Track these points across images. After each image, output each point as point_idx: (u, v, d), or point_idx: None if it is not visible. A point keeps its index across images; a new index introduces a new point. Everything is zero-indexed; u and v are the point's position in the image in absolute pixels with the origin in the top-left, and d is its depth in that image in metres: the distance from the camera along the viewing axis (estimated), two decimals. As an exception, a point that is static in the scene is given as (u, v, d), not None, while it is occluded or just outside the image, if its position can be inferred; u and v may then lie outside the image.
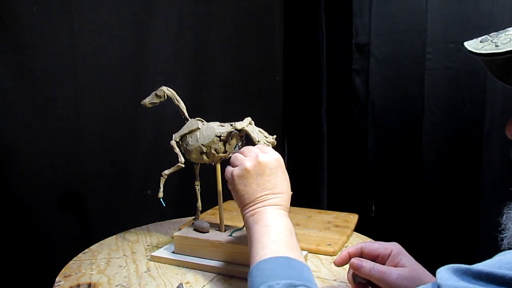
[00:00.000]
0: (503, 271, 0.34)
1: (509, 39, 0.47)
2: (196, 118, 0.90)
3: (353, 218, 1.12)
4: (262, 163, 0.68)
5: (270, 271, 0.55)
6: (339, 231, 1.01)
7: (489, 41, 0.50)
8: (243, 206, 0.68)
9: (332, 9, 1.59)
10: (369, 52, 1.47)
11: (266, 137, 0.82)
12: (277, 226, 0.63)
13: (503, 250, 0.49)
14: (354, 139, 1.56)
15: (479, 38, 0.52)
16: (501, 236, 0.52)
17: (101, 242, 0.97)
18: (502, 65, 0.49)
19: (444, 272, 0.38)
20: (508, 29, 0.50)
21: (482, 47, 0.49)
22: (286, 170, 0.70)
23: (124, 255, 0.89)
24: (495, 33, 0.51)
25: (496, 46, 0.48)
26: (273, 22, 1.71)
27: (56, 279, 0.77)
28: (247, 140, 0.84)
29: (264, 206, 0.65)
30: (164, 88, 0.92)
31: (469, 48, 0.51)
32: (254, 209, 0.66)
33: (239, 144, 0.86)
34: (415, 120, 1.39)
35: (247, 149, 0.72)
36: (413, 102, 1.39)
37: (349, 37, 1.53)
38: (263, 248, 0.59)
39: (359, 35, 1.51)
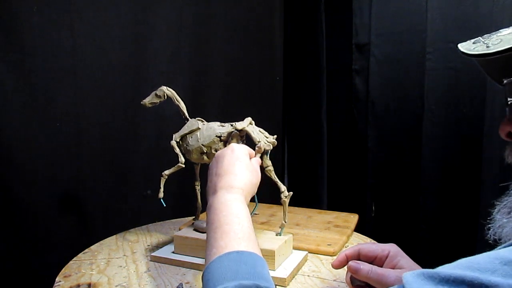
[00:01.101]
0: (468, 273, 0.34)
1: (499, 40, 0.48)
2: (196, 118, 0.90)
3: (353, 218, 1.12)
4: (215, 155, 0.72)
5: (220, 272, 0.50)
6: (339, 231, 1.01)
7: (481, 42, 0.51)
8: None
9: (332, 9, 1.58)
10: (369, 52, 1.47)
11: (267, 137, 0.82)
12: (221, 218, 0.58)
13: (488, 239, 0.51)
14: (354, 139, 1.56)
15: (472, 40, 0.53)
16: (488, 225, 0.53)
17: (101, 242, 0.97)
18: (494, 65, 0.51)
19: (410, 276, 0.37)
20: (501, 30, 0.51)
21: (474, 48, 0.51)
22: (242, 156, 0.69)
23: (124, 255, 0.89)
24: (487, 34, 0.52)
25: (487, 47, 0.49)
26: (273, 22, 1.71)
27: (56, 279, 0.77)
28: (248, 140, 0.84)
29: (212, 196, 0.64)
30: (164, 88, 0.92)
31: (462, 49, 0.52)
32: (208, 205, 0.65)
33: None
34: (415, 120, 1.38)
35: None
36: (413, 102, 1.39)
37: (349, 37, 1.53)
38: (211, 248, 0.55)
39: (359, 35, 1.51)
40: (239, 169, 0.67)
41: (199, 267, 0.81)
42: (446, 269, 0.35)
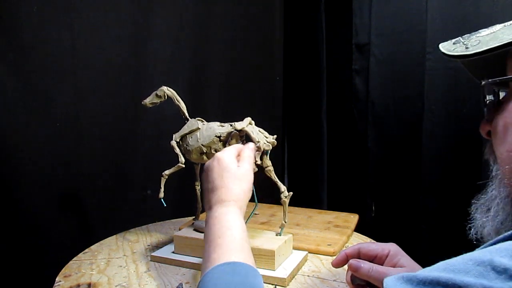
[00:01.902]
0: (443, 274, 0.35)
1: (478, 41, 0.49)
2: (196, 118, 0.90)
3: (354, 218, 1.12)
4: (204, 169, 0.70)
5: (211, 284, 0.51)
6: (339, 231, 1.01)
7: (461, 43, 0.52)
8: None
9: (332, 9, 1.58)
10: (369, 52, 1.47)
11: (266, 137, 0.82)
12: (214, 232, 0.60)
13: (471, 239, 0.52)
14: (354, 139, 1.56)
15: (453, 40, 0.54)
16: (469, 225, 0.53)
17: (101, 242, 0.97)
18: (474, 65, 0.53)
19: (390, 280, 0.38)
20: (480, 31, 0.52)
21: (454, 49, 0.52)
22: (229, 164, 0.68)
23: (124, 255, 0.89)
24: (468, 35, 0.53)
25: (466, 48, 0.50)
26: (273, 22, 1.71)
27: (56, 279, 0.77)
28: (247, 140, 0.84)
29: (208, 212, 0.66)
30: (165, 88, 0.92)
31: (442, 50, 0.53)
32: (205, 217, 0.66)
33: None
34: (415, 120, 1.38)
35: None
36: (413, 102, 1.39)
37: (349, 37, 1.53)
38: (206, 261, 0.56)
39: (359, 35, 1.51)
40: (227, 180, 0.67)
41: (199, 267, 0.81)
42: (424, 272, 0.36)
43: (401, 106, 1.43)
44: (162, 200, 0.91)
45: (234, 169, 0.68)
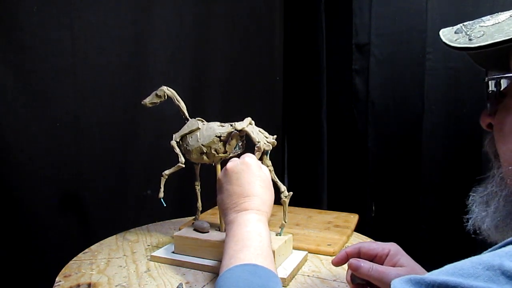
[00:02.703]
0: (451, 279, 0.34)
1: (482, 33, 0.46)
2: (196, 118, 0.90)
3: (353, 218, 1.12)
4: (228, 169, 0.69)
5: (233, 280, 0.53)
6: (339, 231, 1.01)
7: (463, 32, 0.49)
8: (222, 216, 0.70)
9: (332, 9, 1.58)
10: (369, 52, 1.47)
11: (266, 137, 0.82)
12: (244, 234, 0.61)
13: (468, 231, 0.51)
14: (354, 139, 1.56)
15: (454, 28, 0.51)
16: (467, 217, 0.53)
17: (101, 242, 0.97)
18: (478, 55, 0.51)
19: (398, 283, 0.38)
20: (483, 19, 0.49)
21: (456, 40, 0.49)
22: (258, 172, 0.69)
23: (124, 255, 0.89)
24: (470, 22, 0.50)
25: (470, 39, 0.47)
26: (273, 22, 1.71)
27: (56, 279, 0.77)
28: (247, 140, 0.84)
29: (235, 213, 0.66)
30: (165, 88, 0.92)
31: (444, 40, 0.50)
32: (227, 219, 0.66)
33: (239, 144, 0.86)
34: (415, 120, 1.38)
35: (233, 159, 0.73)
36: (413, 102, 1.39)
37: (349, 37, 1.53)
38: (229, 258, 0.58)
39: (359, 35, 1.51)
40: (261, 189, 0.68)
41: (199, 267, 0.81)
42: (432, 275, 0.36)
43: (401, 106, 1.43)
44: (162, 200, 0.91)
45: (263, 176, 0.70)
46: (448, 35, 0.50)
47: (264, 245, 0.60)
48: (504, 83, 0.48)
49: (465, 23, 0.50)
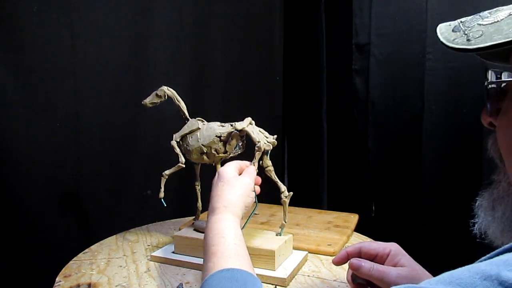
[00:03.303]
0: None
1: (480, 33, 0.45)
2: (197, 118, 0.90)
3: (353, 218, 1.12)
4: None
5: None
6: (339, 231, 1.01)
7: (461, 31, 0.47)
8: None
9: (332, 9, 1.58)
10: (369, 52, 1.47)
11: (266, 137, 0.82)
12: (208, 241, 0.60)
13: (475, 235, 0.50)
14: (354, 139, 1.56)
15: (452, 25, 0.50)
16: (473, 221, 0.52)
17: (101, 242, 0.97)
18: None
19: None
20: (482, 15, 0.48)
21: (454, 39, 0.47)
22: (221, 176, 0.71)
23: (124, 255, 0.89)
24: (468, 19, 0.48)
25: (468, 40, 0.45)
26: (273, 22, 1.71)
27: (56, 279, 0.77)
28: (248, 140, 0.84)
29: (209, 216, 0.66)
30: (165, 88, 0.92)
31: (441, 39, 0.48)
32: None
33: (240, 144, 0.86)
34: (415, 120, 1.38)
35: None
36: (413, 102, 1.39)
37: (349, 37, 1.53)
38: (203, 270, 0.57)
39: (359, 35, 1.51)
40: (220, 189, 0.69)
41: (199, 267, 0.81)
42: (429, 284, 0.35)
43: (401, 106, 1.43)
44: (162, 200, 0.91)
45: (227, 177, 0.70)
46: (446, 33, 0.49)
47: (230, 244, 0.59)
48: (505, 76, 0.46)
49: (462, 20, 0.49)
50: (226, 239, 0.60)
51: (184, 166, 0.89)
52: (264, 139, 0.81)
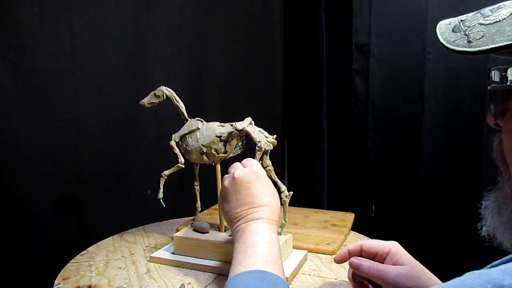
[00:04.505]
0: None
1: (482, 34, 0.43)
2: (196, 118, 0.90)
3: (350, 217, 1.12)
4: (237, 179, 0.69)
5: (242, 285, 0.53)
6: (337, 230, 1.01)
7: (462, 31, 0.46)
8: (229, 224, 0.70)
9: (332, 9, 1.58)
10: (369, 52, 1.47)
11: (267, 137, 0.82)
12: (255, 241, 0.62)
13: (483, 237, 0.50)
14: (354, 139, 1.56)
15: (452, 24, 0.48)
16: (480, 224, 0.52)
17: (98, 243, 0.96)
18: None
19: None
20: (483, 13, 0.46)
21: (454, 41, 0.46)
22: (267, 181, 0.71)
23: (123, 256, 0.89)
24: (469, 18, 0.47)
25: (469, 42, 0.44)
26: (273, 22, 1.70)
27: (55, 282, 0.76)
28: (248, 140, 0.84)
29: (245, 222, 0.66)
30: (163, 88, 0.91)
31: (441, 40, 0.47)
32: (236, 227, 0.67)
33: (240, 144, 0.86)
34: (415, 120, 1.38)
35: (236, 164, 0.73)
36: (413, 102, 1.39)
37: (349, 37, 1.52)
38: (239, 263, 0.58)
39: (359, 35, 1.50)
40: (270, 199, 0.69)
41: (200, 268, 0.81)
42: None
43: (401, 106, 1.43)
44: (161, 200, 0.90)
45: (273, 188, 0.71)
46: (446, 33, 0.47)
47: (273, 252, 0.61)
48: (510, 74, 0.44)
49: (463, 18, 0.48)
50: (271, 246, 0.62)
51: (183, 166, 0.88)
52: (264, 139, 0.81)
